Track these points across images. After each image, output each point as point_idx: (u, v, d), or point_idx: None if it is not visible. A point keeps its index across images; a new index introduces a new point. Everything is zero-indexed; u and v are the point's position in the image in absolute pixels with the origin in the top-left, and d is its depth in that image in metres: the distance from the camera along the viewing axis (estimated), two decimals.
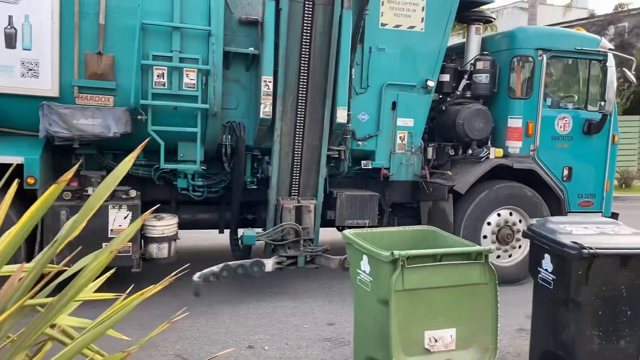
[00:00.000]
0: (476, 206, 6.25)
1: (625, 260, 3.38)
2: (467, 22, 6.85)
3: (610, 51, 6.51)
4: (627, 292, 3.42)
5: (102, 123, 5.11)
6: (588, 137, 6.64)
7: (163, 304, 4.92)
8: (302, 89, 5.53)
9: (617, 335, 3.49)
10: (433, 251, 3.45)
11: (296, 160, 5.61)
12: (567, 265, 3.42)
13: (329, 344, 4.62)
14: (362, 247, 3.59)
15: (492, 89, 6.56)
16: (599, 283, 3.38)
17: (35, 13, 4.90)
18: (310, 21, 5.35)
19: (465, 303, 3.49)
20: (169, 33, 5.27)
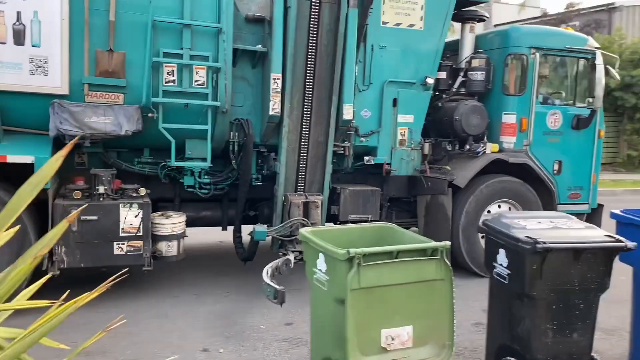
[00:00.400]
0: (474, 199, 6.47)
1: (577, 254, 3.41)
2: (461, 20, 7.04)
3: (597, 49, 6.81)
4: (579, 286, 3.46)
5: (113, 121, 5.06)
6: (576, 132, 6.95)
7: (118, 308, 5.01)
8: (308, 86, 5.59)
9: (571, 329, 3.54)
10: (389, 248, 3.40)
11: (302, 156, 5.66)
12: (521, 260, 3.43)
13: (286, 345, 4.53)
14: (318, 246, 3.51)
15: (487, 86, 6.78)
16: (552, 277, 3.40)
17: (44, 9, 4.81)
18: (317, 19, 5.41)
19: (422, 300, 3.46)
20: (179, 30, 5.25)
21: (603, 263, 3.48)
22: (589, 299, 3.54)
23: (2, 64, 4.75)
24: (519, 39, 6.72)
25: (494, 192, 6.55)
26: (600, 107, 6.86)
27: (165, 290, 5.79)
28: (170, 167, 5.70)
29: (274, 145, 6.06)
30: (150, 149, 5.81)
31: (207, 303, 5.48)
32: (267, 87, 5.72)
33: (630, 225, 3.97)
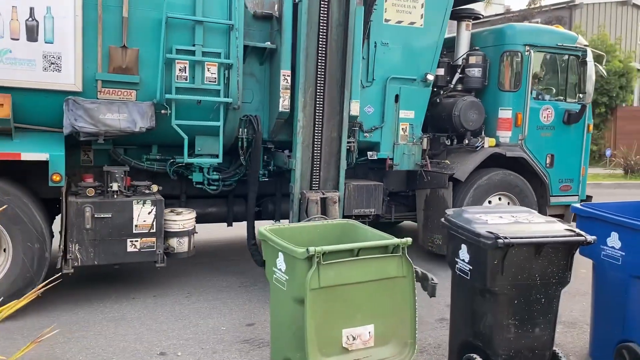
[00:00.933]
0: (474, 192, 6.68)
1: (538, 248, 3.40)
2: (457, 18, 7.22)
3: (587, 47, 7.10)
4: (540, 280, 3.46)
5: (128, 118, 5.06)
6: (567, 126, 7.23)
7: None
8: (320, 81, 5.54)
9: (532, 324, 3.54)
10: (349, 246, 3.32)
11: (316, 152, 5.59)
12: (482, 255, 3.42)
13: (247, 346, 4.42)
14: (277, 245, 3.43)
15: (483, 82, 6.99)
16: (513, 272, 3.39)
17: (57, 5, 4.76)
18: (326, 15, 5.45)
19: (384, 298, 3.40)
20: (192, 27, 5.26)
21: (564, 257, 3.49)
22: (550, 294, 3.54)
23: (15, 60, 4.69)
24: (514, 36, 6.94)
25: (492, 185, 6.77)
26: (589, 103, 7.15)
27: (123, 292, 5.66)
28: (179, 163, 5.73)
29: (282, 141, 6.14)
30: (159, 145, 5.82)
31: (166, 304, 5.35)
32: (277, 84, 5.77)
33: (590, 218, 4.10)
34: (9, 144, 4.73)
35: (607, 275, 4.01)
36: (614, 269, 3.92)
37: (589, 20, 24.64)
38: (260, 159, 5.93)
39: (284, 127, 5.97)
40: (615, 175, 16.92)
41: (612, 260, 3.92)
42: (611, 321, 4.00)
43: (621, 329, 3.90)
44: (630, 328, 3.85)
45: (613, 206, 4.41)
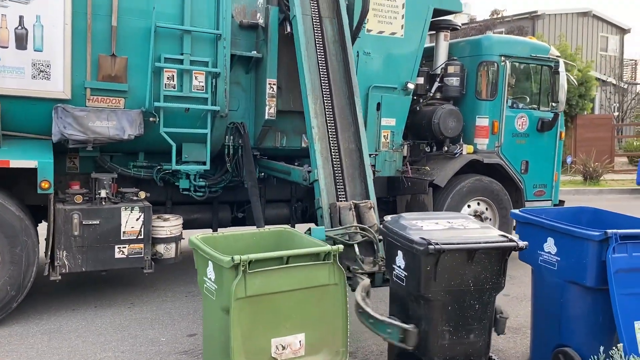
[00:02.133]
0: (453, 198, 6.89)
1: (471, 254, 3.39)
2: (436, 29, 7.45)
3: (559, 58, 7.41)
4: (474, 286, 3.44)
5: (116, 125, 5.09)
6: (541, 134, 7.52)
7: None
8: (325, 92, 5.44)
9: (467, 330, 3.51)
10: (278, 253, 3.26)
11: (336, 165, 5.15)
12: (416, 261, 3.40)
13: (185, 357, 4.31)
14: (206, 253, 3.37)
15: (461, 91, 7.22)
16: (447, 278, 3.37)
17: (46, 13, 4.78)
18: (321, 32, 5.59)
19: (314, 306, 3.35)
20: (180, 36, 5.33)
21: (497, 263, 3.47)
22: (484, 300, 3.52)
23: (3, 68, 4.68)
24: (491, 47, 7.20)
25: (471, 191, 6.99)
26: (562, 111, 7.46)
27: (63, 302, 5.47)
28: (166, 170, 5.77)
29: (267, 148, 6.24)
30: (145, 152, 5.84)
31: (106, 315, 5.18)
32: (262, 92, 5.89)
33: (527, 224, 4.17)
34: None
35: (544, 280, 4.04)
36: (550, 274, 3.96)
37: (551, 30, 25.50)
38: (253, 162, 5.96)
39: (269, 134, 6.07)
40: (575, 181, 17.47)
41: (548, 266, 3.97)
42: (549, 326, 4.04)
43: (558, 334, 3.94)
44: (566, 333, 3.89)
45: (552, 212, 4.51)
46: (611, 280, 3.53)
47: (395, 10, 6.72)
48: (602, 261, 3.59)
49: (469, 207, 7.06)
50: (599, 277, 3.62)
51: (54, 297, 5.63)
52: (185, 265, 6.63)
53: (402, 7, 6.69)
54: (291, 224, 7.08)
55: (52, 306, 5.40)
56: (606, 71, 26.38)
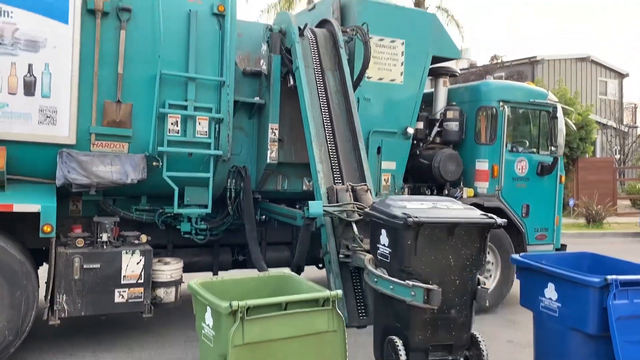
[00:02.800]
0: None
1: (451, 230, 3.48)
2: (435, 75, 7.62)
3: (557, 103, 7.53)
4: (454, 262, 3.53)
5: (120, 170, 5.15)
6: (541, 177, 7.56)
7: None
8: (329, 139, 5.55)
9: (448, 305, 3.57)
10: (277, 299, 3.24)
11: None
12: (398, 236, 3.50)
13: None
14: (204, 299, 3.34)
15: (461, 135, 7.32)
16: (427, 253, 3.46)
17: (55, 61, 4.92)
18: (323, 83, 5.75)
19: (313, 353, 3.30)
20: (184, 83, 5.47)
21: (477, 240, 3.60)
22: (464, 276, 3.59)
23: (11, 114, 4.79)
24: (489, 93, 7.34)
25: None
26: (561, 155, 7.53)
27: (61, 347, 5.38)
28: (168, 213, 5.80)
29: (268, 191, 6.29)
30: (148, 196, 5.89)
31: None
32: (265, 137, 5.99)
33: (528, 270, 4.18)
34: (1, 196, 4.76)
35: (546, 326, 4.03)
36: (552, 320, 3.94)
37: (550, 75, 25.90)
38: (252, 203, 5.98)
39: (271, 177, 6.14)
40: (578, 224, 17.41)
41: (549, 312, 3.95)
42: None
43: None
44: None
45: (552, 257, 4.50)
46: (613, 328, 3.50)
47: (395, 58, 6.89)
48: (604, 308, 3.59)
49: None
50: (600, 324, 3.60)
51: (52, 341, 5.57)
52: (185, 309, 6.52)
53: (401, 55, 6.86)
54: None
55: (50, 351, 5.33)
56: (606, 114, 26.67)
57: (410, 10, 8.46)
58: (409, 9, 9.83)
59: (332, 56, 6.02)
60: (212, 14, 5.59)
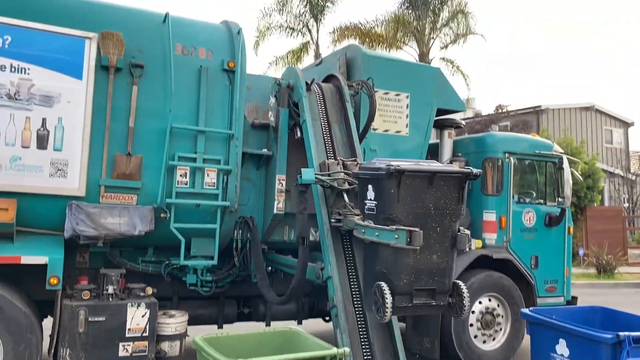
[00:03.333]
0: None
1: (430, 179, 3.86)
2: (440, 127, 7.71)
3: (562, 154, 7.57)
4: (434, 210, 3.86)
5: (128, 221, 5.19)
6: (549, 228, 7.52)
7: None
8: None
9: (430, 250, 3.88)
10: (283, 357, 3.28)
11: (350, 263, 5.16)
12: (382, 186, 3.90)
13: None
14: (209, 355, 3.37)
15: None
16: (409, 201, 3.82)
17: (68, 115, 5.05)
18: (330, 135, 5.85)
19: None
20: (194, 135, 5.57)
21: (455, 190, 3.93)
22: (444, 224, 3.90)
23: (23, 167, 4.88)
24: (495, 144, 7.40)
25: (481, 287, 6.89)
26: (569, 206, 7.50)
27: None
28: (174, 265, 5.79)
29: (275, 242, 6.28)
30: (154, 247, 5.90)
31: None
32: (272, 187, 6.04)
33: (538, 324, 4.19)
34: (10, 248, 4.79)
35: None
36: None
37: (555, 124, 26.10)
38: (260, 252, 5.95)
39: (278, 228, 6.14)
40: (589, 274, 17.13)
41: None
42: None
43: None
44: None
45: (563, 312, 4.48)
46: None
47: (400, 110, 7.01)
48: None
49: (480, 303, 6.92)
50: None
51: None
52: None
53: (406, 108, 6.98)
54: (298, 319, 6.96)
55: None
56: (612, 163, 26.67)
57: (414, 65, 8.68)
58: (413, 63, 10.08)
59: (338, 109, 6.14)
60: (223, 69, 5.76)
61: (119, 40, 5.26)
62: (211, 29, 6.06)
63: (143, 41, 5.46)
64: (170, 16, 5.63)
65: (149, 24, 5.60)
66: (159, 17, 5.66)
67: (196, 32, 5.86)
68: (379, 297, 4.01)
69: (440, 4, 19.73)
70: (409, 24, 19.70)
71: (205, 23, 6.25)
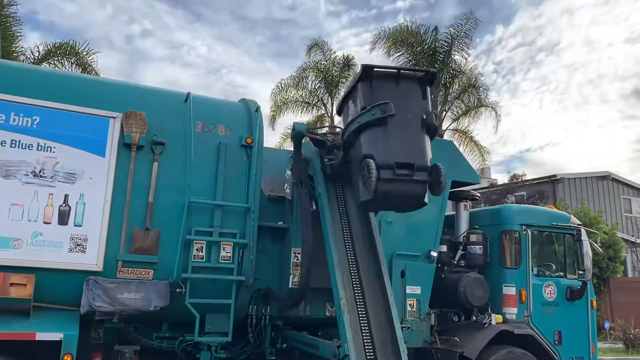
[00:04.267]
0: None
1: (397, 79, 5.01)
2: (456, 199, 7.72)
3: (580, 226, 7.49)
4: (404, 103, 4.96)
5: (144, 297, 5.18)
6: (571, 302, 7.31)
7: None
8: (352, 265, 5.57)
9: (404, 130, 4.79)
10: None
11: (366, 339, 5.05)
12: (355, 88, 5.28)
13: None
14: None
15: (485, 259, 7.24)
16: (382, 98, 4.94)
17: (89, 192, 5.18)
18: (345, 208, 5.89)
19: None
20: (211, 210, 5.64)
21: (420, 90, 5.04)
22: (414, 109, 4.98)
23: (44, 243, 4.96)
24: (511, 217, 7.37)
25: None
26: (590, 279, 7.33)
27: None
28: (189, 341, 5.70)
29: (291, 317, 6.18)
30: (169, 323, 5.83)
31: None
32: (287, 261, 6.02)
33: None
34: (26, 324, 4.78)
35: None
36: None
37: (572, 193, 25.91)
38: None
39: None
40: (617, 349, 16.40)
41: None
42: None
43: None
44: None
45: None
46: None
47: None
48: None
49: None
50: None
51: None
52: None
53: None
54: None
55: None
56: (633, 232, 26.19)
57: None
58: None
59: None
60: (241, 145, 5.92)
61: (142, 119, 5.46)
62: (230, 107, 6.29)
63: (165, 119, 5.66)
64: (191, 95, 5.86)
65: (171, 103, 5.83)
66: (181, 97, 5.91)
67: (216, 110, 6.07)
68: (366, 172, 4.76)
69: (451, 78, 20.23)
70: None
71: (224, 101, 6.50)
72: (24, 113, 5.08)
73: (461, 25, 19.43)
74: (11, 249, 4.86)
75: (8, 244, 4.86)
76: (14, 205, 4.91)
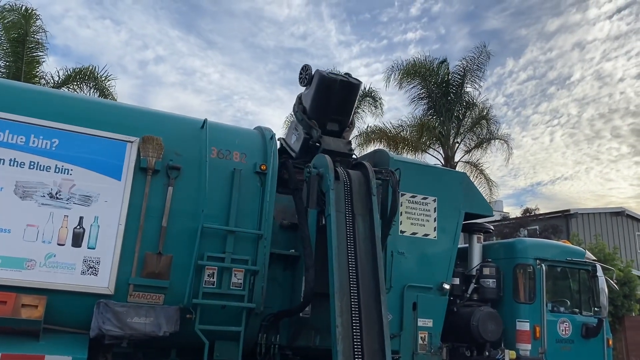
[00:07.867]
0: None
1: None
2: (468, 232, 7.66)
3: (596, 262, 7.38)
4: None
5: (154, 322, 5.14)
6: (586, 340, 7.16)
7: None
8: (353, 290, 5.55)
9: None
10: None
11: None
12: None
13: None
14: None
15: (498, 293, 7.14)
16: None
17: (104, 214, 5.20)
18: (352, 229, 5.86)
19: None
20: (224, 235, 5.63)
21: None
22: None
23: (57, 264, 4.97)
24: (525, 250, 7.29)
25: None
26: (606, 316, 7.19)
27: None
28: None
29: (300, 347, 6.10)
30: (177, 349, 5.77)
31: None
32: (298, 288, 5.96)
33: None
34: (35, 346, 4.76)
35: None
36: None
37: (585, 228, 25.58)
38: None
39: (303, 332, 5.99)
40: None
41: None
42: None
43: None
44: None
45: None
46: None
47: (428, 213, 7.03)
48: None
49: None
50: None
51: None
52: None
53: (434, 211, 7.00)
54: None
55: None
56: None
57: (440, 170, 8.79)
58: (440, 168, 10.22)
59: (364, 201, 6.13)
60: (255, 172, 5.94)
61: (158, 144, 5.52)
62: (246, 134, 6.34)
63: (181, 145, 5.71)
64: (208, 122, 5.93)
65: (188, 129, 5.90)
66: (197, 123, 5.98)
67: (231, 137, 6.12)
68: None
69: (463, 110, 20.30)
70: (433, 128, 20.21)
71: (240, 128, 6.56)
72: (44, 135, 5.15)
73: (474, 58, 19.59)
74: (24, 270, 4.88)
75: (21, 265, 4.88)
76: (29, 226, 4.94)
